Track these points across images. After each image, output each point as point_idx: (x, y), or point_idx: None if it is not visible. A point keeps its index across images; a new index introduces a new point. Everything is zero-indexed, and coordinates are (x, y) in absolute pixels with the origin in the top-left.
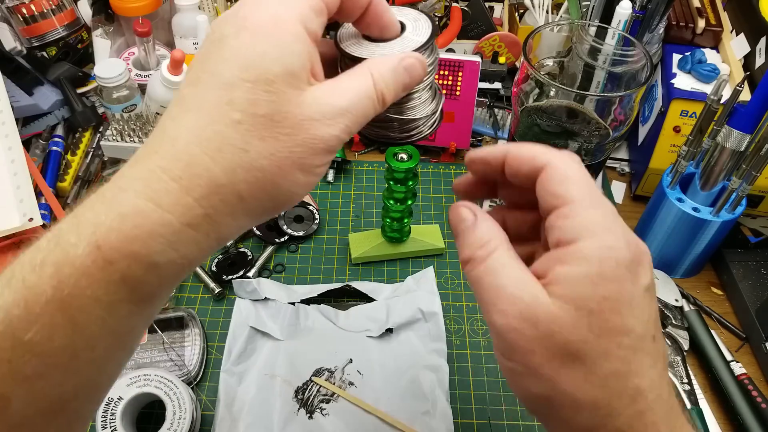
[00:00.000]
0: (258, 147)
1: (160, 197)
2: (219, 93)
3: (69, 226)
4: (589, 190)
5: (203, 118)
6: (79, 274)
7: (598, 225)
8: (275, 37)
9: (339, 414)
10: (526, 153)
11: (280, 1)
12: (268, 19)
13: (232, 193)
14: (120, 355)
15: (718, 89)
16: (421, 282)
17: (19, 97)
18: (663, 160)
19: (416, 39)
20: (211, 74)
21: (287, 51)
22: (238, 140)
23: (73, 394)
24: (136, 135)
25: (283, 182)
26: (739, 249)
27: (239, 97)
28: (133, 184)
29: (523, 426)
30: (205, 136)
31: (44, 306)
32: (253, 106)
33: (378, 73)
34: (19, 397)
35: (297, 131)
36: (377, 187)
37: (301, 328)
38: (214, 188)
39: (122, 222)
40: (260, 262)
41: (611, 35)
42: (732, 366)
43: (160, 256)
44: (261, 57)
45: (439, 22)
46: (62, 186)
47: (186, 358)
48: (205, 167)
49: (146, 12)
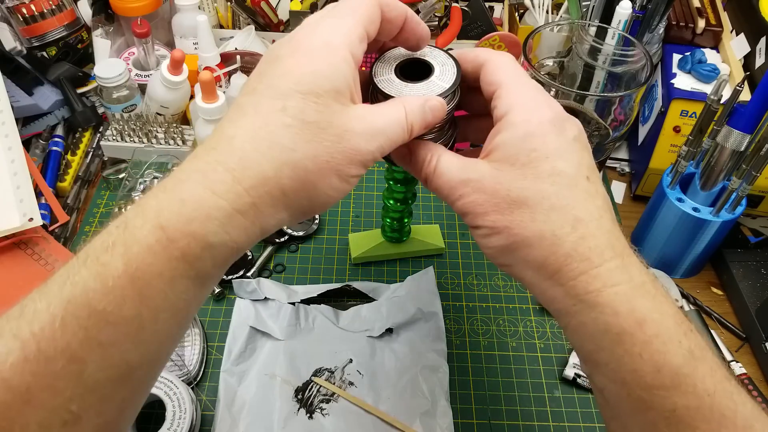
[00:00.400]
0: (304, 148)
1: (215, 186)
2: (274, 102)
3: (135, 213)
4: (516, 75)
5: (258, 121)
6: (146, 252)
7: (524, 97)
8: (326, 59)
9: (339, 414)
10: (471, 54)
11: (331, 29)
12: (321, 44)
13: (277, 186)
14: (175, 331)
15: (718, 89)
16: (421, 282)
17: (19, 97)
18: (663, 160)
19: (441, 84)
20: (267, 86)
21: (335, 71)
22: (287, 141)
23: (139, 363)
24: (136, 135)
25: (321, 184)
26: (739, 249)
27: (291, 106)
28: (192, 175)
29: (523, 426)
30: (259, 135)
31: (116, 280)
32: (302, 114)
33: (409, 107)
34: (94, 361)
35: (339, 140)
36: (377, 187)
37: (301, 328)
38: (262, 180)
39: (182, 206)
40: (260, 262)
41: (611, 35)
42: (732, 366)
43: (214, 237)
44: (312, 74)
45: (439, 22)
46: (62, 186)
47: (186, 358)
48: (256, 162)
49: (146, 12)
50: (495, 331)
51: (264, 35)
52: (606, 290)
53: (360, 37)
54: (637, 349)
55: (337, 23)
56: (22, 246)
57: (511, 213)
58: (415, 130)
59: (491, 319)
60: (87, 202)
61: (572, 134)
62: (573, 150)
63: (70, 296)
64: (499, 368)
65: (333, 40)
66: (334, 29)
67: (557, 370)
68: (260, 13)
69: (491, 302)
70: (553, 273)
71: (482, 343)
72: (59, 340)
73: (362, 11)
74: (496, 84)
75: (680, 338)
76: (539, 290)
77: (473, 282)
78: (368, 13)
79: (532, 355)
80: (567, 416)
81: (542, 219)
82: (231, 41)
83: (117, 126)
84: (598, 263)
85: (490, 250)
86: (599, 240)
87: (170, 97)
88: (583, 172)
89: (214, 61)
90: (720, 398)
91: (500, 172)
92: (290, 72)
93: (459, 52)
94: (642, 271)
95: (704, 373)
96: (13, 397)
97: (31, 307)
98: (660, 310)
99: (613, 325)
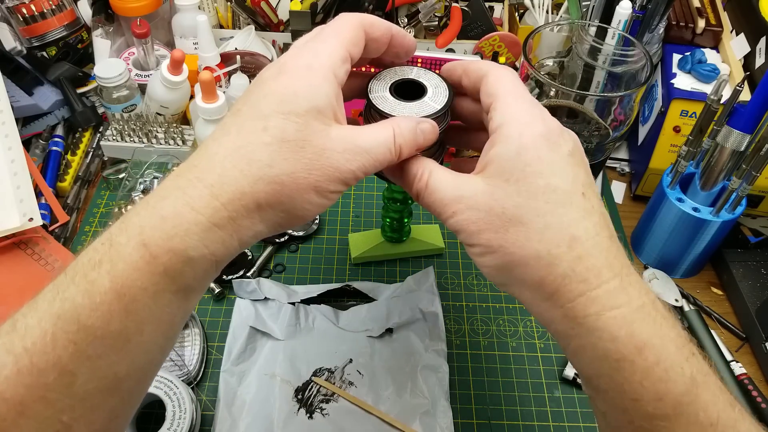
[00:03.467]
0: (281, 165)
1: (194, 201)
2: (256, 122)
3: (119, 230)
4: (514, 88)
5: (240, 141)
6: (131, 269)
7: (518, 111)
8: (307, 80)
9: (339, 414)
10: (475, 66)
11: (314, 52)
12: (303, 66)
13: (253, 200)
14: (162, 342)
15: (718, 89)
16: (421, 282)
17: (19, 97)
18: (663, 160)
19: (433, 105)
20: (251, 107)
21: (316, 91)
22: (265, 158)
23: (126, 374)
24: (136, 135)
25: (298, 198)
26: (739, 249)
27: (272, 126)
28: (173, 192)
29: (523, 426)
30: (239, 154)
31: (103, 296)
32: (282, 133)
33: (399, 130)
34: (84, 373)
35: (317, 158)
36: (377, 187)
37: (301, 328)
38: (238, 195)
39: (163, 222)
40: (260, 262)
41: (611, 35)
42: (732, 366)
43: (193, 251)
44: (294, 95)
45: (439, 22)
46: (62, 186)
47: (186, 358)
48: (234, 178)
49: (146, 12)
50: (495, 331)
51: (264, 35)
52: (604, 314)
53: (343, 59)
54: (637, 377)
55: (320, 46)
56: (22, 246)
57: (506, 231)
58: (405, 152)
59: (491, 319)
60: (87, 202)
61: (567, 149)
62: (568, 165)
63: (60, 312)
64: (499, 368)
65: (315, 62)
66: (317, 52)
67: (557, 370)
68: (260, 13)
69: (491, 302)
70: (550, 294)
71: (482, 343)
72: (50, 354)
73: (345, 34)
74: (493, 96)
75: (682, 364)
76: (537, 311)
77: (473, 282)
78: (351, 36)
79: (532, 355)
80: (567, 416)
81: (537, 238)
82: (231, 41)
83: (117, 126)
84: (596, 284)
85: (486, 269)
86: (597, 259)
87: (170, 97)
88: (579, 188)
89: (214, 61)
90: (723, 428)
91: (494, 188)
92: (273, 93)
93: (463, 63)
94: (642, 291)
95: (707, 400)
96: (7, 408)
97: (22, 322)
98: (660, 334)
99: (612, 351)
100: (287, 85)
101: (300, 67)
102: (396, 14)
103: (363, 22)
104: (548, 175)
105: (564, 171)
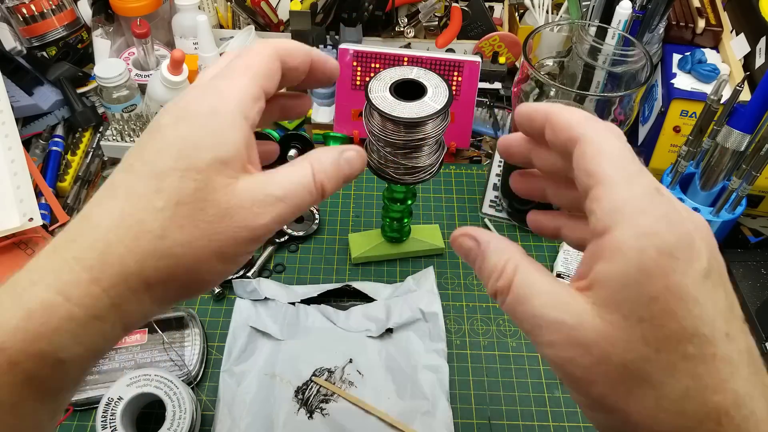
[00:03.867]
0: (175, 234)
1: (70, 289)
2: (149, 182)
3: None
4: (624, 165)
5: (128, 206)
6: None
7: (632, 207)
8: (210, 127)
9: (339, 414)
10: (564, 120)
11: (220, 92)
12: (207, 110)
13: (140, 280)
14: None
15: (718, 89)
16: (421, 282)
17: (19, 97)
18: (663, 160)
19: (432, 105)
20: (144, 163)
21: (221, 139)
22: (156, 228)
23: None
24: (136, 135)
25: (198, 269)
26: (739, 249)
27: (167, 186)
28: (45, 276)
29: (523, 426)
30: (126, 224)
31: None
32: (178, 194)
33: (319, 165)
34: None
35: (220, 219)
36: (377, 187)
37: (301, 328)
38: (123, 277)
39: (29, 320)
40: (260, 262)
41: (611, 35)
42: None
43: (65, 353)
44: (194, 146)
45: (439, 22)
46: (62, 186)
47: (186, 358)
48: (119, 256)
49: (146, 12)
50: (495, 331)
51: (264, 35)
52: None
53: (254, 97)
54: None
55: (228, 85)
56: (22, 246)
57: (629, 391)
58: (329, 188)
59: (491, 319)
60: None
61: (701, 267)
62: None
63: None
64: (499, 368)
65: (221, 105)
66: (223, 92)
67: None
68: (260, 13)
69: (491, 302)
70: None
71: (482, 343)
72: None
73: (256, 68)
74: (595, 178)
75: None
76: None
77: (473, 282)
78: (264, 69)
79: (532, 355)
80: (567, 416)
81: (673, 409)
82: (231, 41)
83: (117, 126)
84: None
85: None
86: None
87: (170, 97)
88: (721, 328)
89: (214, 61)
90: None
91: (611, 328)
92: (170, 146)
93: (546, 109)
94: None
95: None
96: None
97: None
98: None
99: None
100: (187, 135)
101: (203, 112)
102: (396, 14)
103: (279, 51)
104: (683, 315)
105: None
